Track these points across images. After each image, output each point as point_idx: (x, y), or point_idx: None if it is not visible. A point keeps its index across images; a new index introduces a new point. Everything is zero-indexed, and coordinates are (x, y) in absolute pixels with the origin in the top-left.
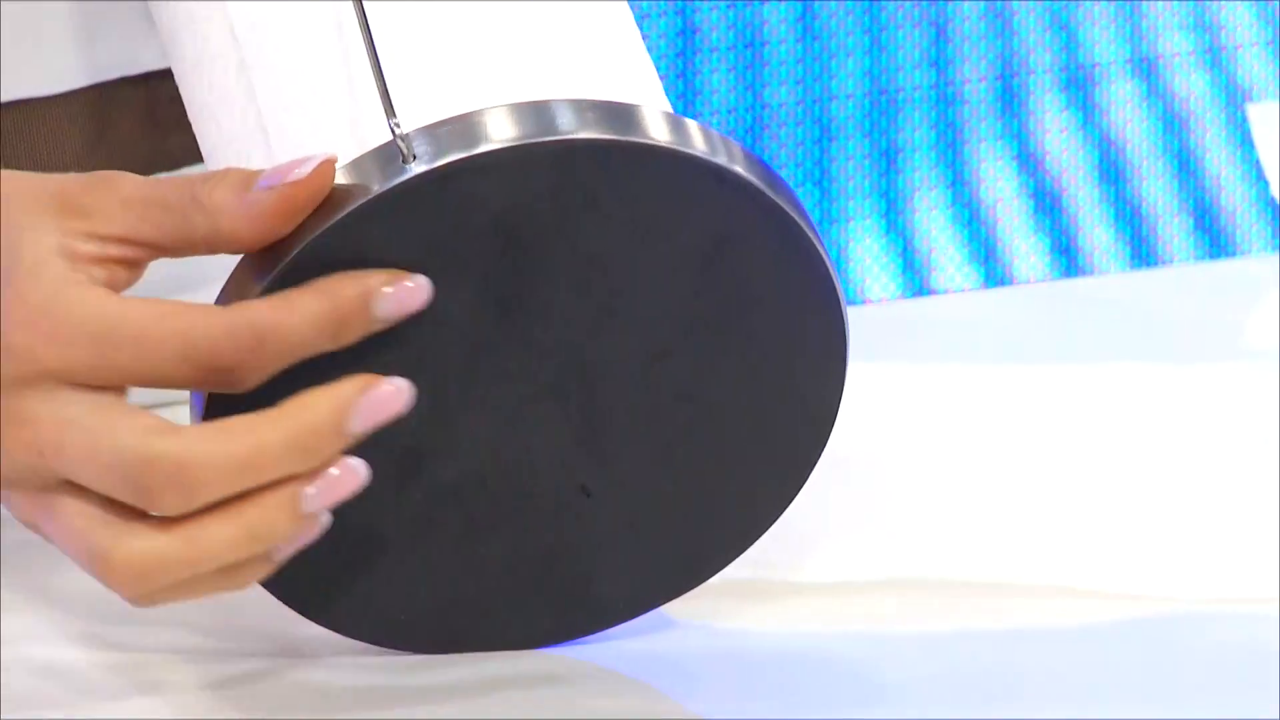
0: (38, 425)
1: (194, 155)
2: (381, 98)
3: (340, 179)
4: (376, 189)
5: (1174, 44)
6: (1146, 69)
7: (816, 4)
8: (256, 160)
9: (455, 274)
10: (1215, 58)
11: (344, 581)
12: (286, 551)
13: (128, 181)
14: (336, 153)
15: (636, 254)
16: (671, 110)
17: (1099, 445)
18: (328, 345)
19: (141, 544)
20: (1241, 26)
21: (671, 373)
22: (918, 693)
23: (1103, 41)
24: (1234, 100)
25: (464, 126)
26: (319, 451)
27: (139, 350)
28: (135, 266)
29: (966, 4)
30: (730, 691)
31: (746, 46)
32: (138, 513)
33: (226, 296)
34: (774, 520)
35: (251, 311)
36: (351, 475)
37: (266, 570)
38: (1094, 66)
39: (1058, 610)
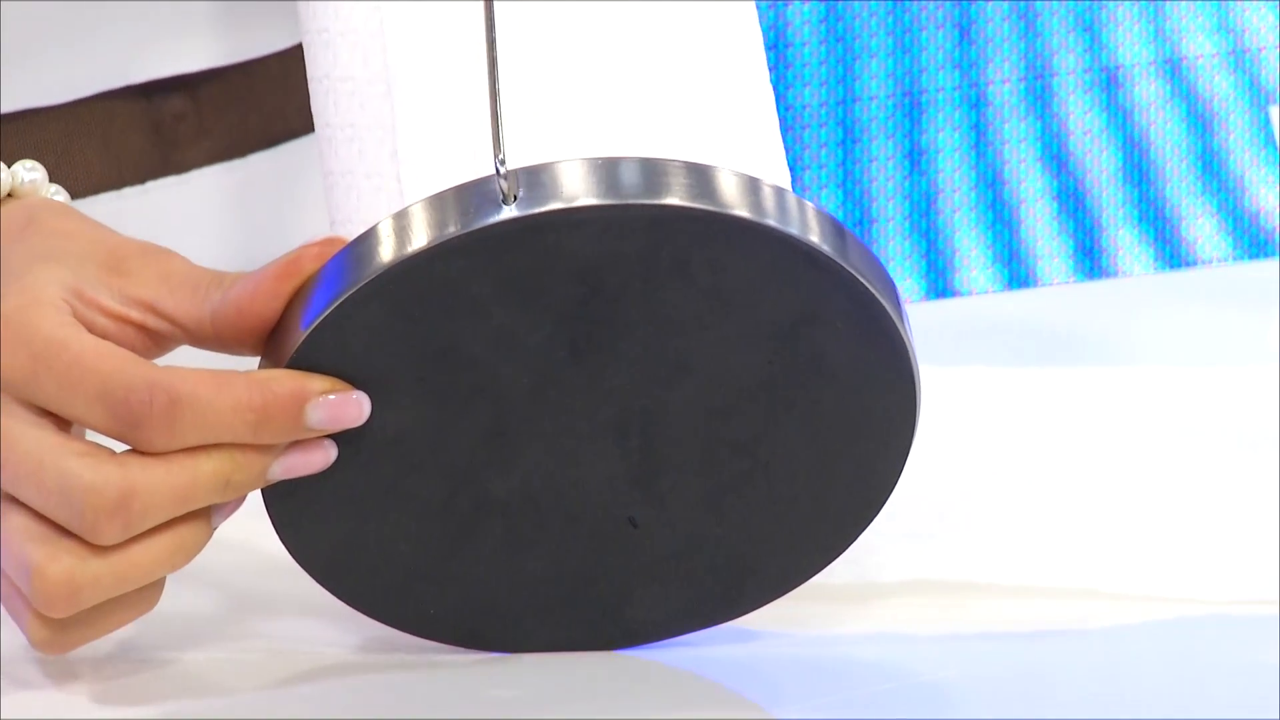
0: None
1: (200, 164)
2: (493, 132)
3: (435, 207)
4: (469, 226)
5: (1198, 46)
6: (1171, 70)
7: (841, 5)
8: (386, 189)
9: (533, 311)
10: (1239, 60)
11: (380, 571)
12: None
13: (175, 260)
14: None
15: (716, 321)
16: (785, 182)
17: (1122, 447)
18: (247, 436)
19: (73, 560)
20: (1265, 29)
21: (734, 429)
22: (941, 694)
23: (1126, 43)
24: (1257, 102)
25: (565, 175)
26: (245, 488)
27: (64, 378)
28: (154, 339)
29: (991, 5)
30: (755, 692)
31: (770, 48)
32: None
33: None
34: (817, 572)
35: (178, 376)
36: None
37: (159, 593)
38: (1118, 68)
39: (1081, 612)
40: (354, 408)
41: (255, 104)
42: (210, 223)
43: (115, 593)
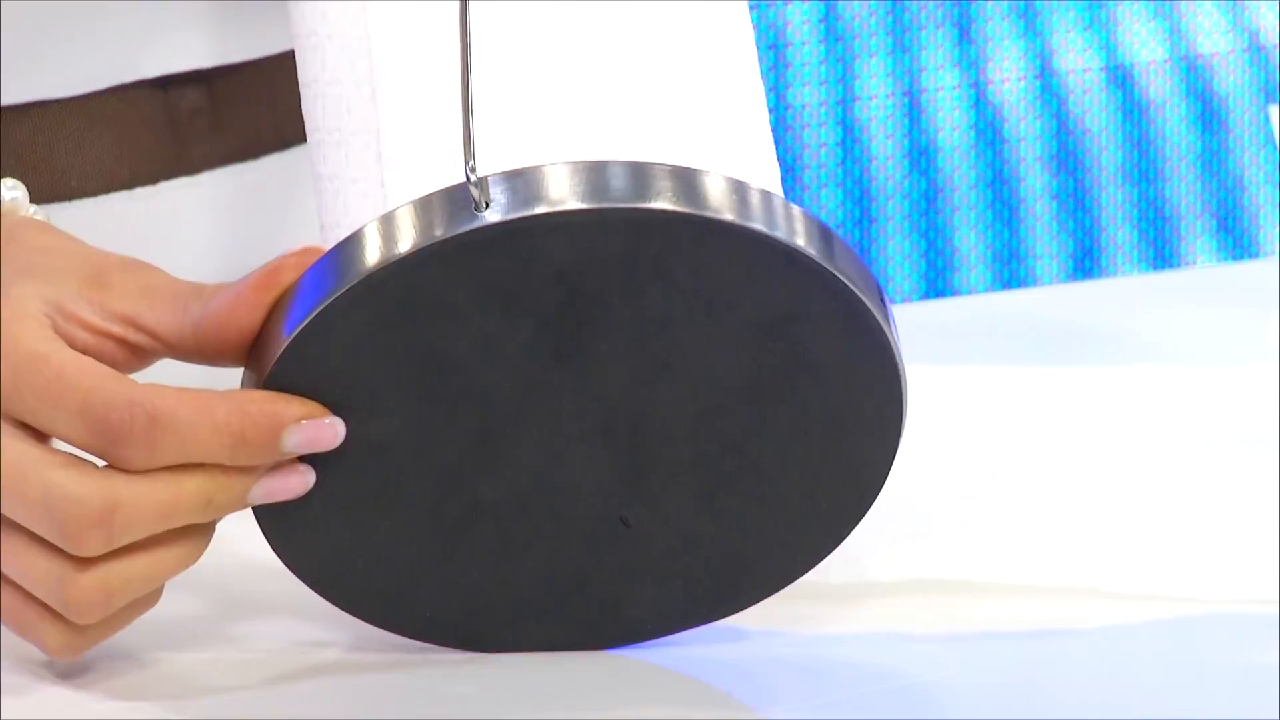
0: None
1: (213, 164)
2: (464, 139)
3: (410, 214)
4: (446, 233)
5: (1197, 46)
6: (1170, 70)
7: (840, 4)
8: (372, 194)
9: (515, 316)
10: (1239, 60)
11: (374, 578)
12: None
13: (156, 274)
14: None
15: (699, 321)
16: (775, 182)
17: (1121, 447)
18: (225, 458)
19: (107, 563)
20: (1265, 28)
21: (722, 427)
22: (938, 695)
23: (1125, 43)
24: (1257, 102)
25: (541, 179)
26: (226, 509)
27: (45, 393)
28: (135, 353)
29: (991, 4)
30: (748, 693)
31: (770, 48)
32: None
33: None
34: (811, 567)
35: (158, 394)
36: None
37: (163, 588)
38: (1117, 68)
39: (1080, 612)
40: (329, 431)
41: (270, 102)
42: (220, 225)
43: (144, 591)
